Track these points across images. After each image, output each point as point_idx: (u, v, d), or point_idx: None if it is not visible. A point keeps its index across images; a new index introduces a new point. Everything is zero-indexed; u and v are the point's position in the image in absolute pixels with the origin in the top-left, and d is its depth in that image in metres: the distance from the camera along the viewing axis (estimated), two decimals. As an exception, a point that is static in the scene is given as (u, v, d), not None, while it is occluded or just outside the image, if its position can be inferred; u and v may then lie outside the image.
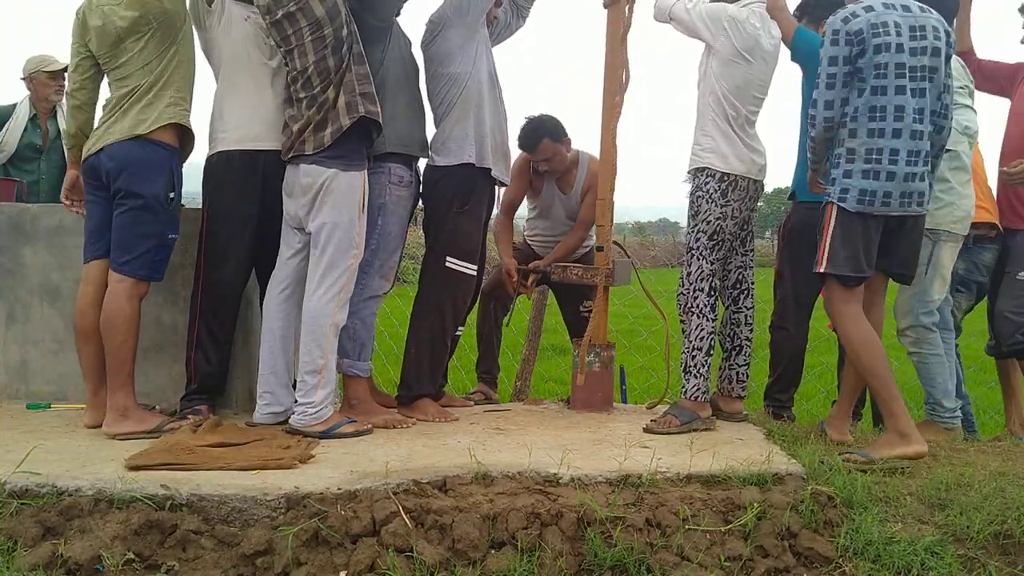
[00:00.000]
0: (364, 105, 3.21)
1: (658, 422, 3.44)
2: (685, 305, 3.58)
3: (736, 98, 3.49)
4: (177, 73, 3.28)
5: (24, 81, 4.97)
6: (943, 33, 3.00)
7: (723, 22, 3.47)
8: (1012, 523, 2.51)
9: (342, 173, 3.21)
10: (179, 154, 3.33)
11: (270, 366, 3.38)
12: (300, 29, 3.15)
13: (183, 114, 3.29)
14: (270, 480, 2.61)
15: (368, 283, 3.53)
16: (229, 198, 3.44)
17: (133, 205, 3.20)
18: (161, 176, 3.24)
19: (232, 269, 3.47)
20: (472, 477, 2.67)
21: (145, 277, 3.26)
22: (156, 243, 3.25)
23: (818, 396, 5.59)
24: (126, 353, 3.22)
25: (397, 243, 3.61)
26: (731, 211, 3.52)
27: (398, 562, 2.31)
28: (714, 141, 3.51)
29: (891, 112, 2.97)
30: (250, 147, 3.41)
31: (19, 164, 4.93)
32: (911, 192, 3.00)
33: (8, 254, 3.82)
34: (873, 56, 2.97)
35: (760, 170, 3.60)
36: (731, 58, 3.47)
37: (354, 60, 3.24)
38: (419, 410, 3.63)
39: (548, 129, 4.23)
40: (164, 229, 3.27)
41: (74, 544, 2.33)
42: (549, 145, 4.21)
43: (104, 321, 3.22)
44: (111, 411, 3.20)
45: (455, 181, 3.62)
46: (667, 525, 2.47)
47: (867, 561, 2.42)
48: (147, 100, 3.22)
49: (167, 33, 3.23)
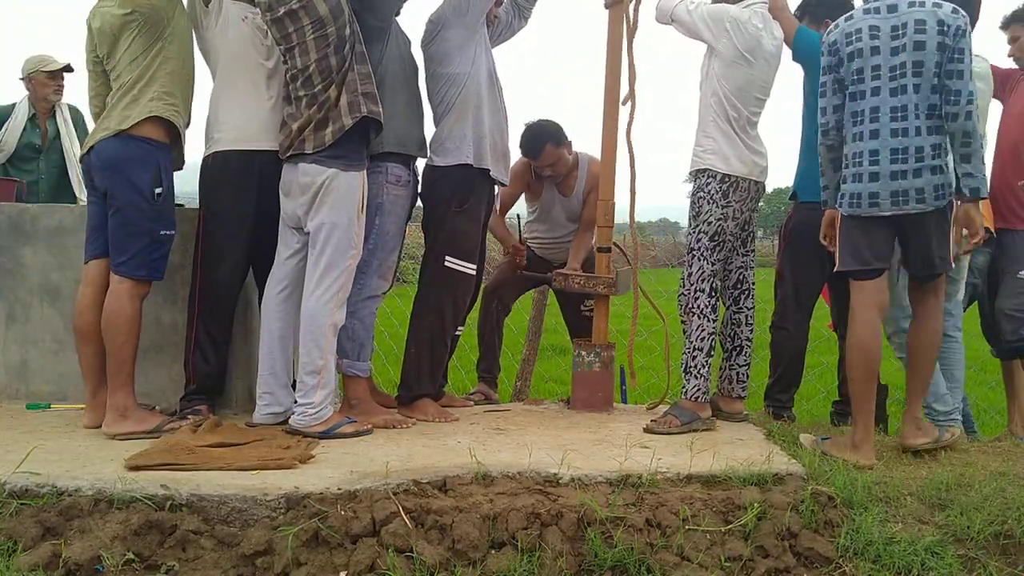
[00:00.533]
0: (367, 105, 3.21)
1: (658, 422, 3.44)
2: (686, 306, 3.58)
3: (738, 99, 3.49)
4: (163, 69, 3.24)
5: (23, 81, 4.97)
6: (934, 23, 2.96)
7: (725, 23, 3.46)
8: (1012, 523, 2.51)
9: (342, 173, 3.20)
10: (167, 149, 3.29)
11: (269, 366, 3.38)
12: (302, 27, 3.14)
13: (166, 108, 3.23)
14: (270, 480, 2.61)
15: (366, 283, 3.53)
16: (225, 198, 3.44)
17: (121, 204, 3.19)
18: (147, 172, 3.20)
19: (228, 269, 3.47)
20: (472, 477, 2.67)
21: (144, 277, 3.25)
22: (148, 241, 3.22)
23: (818, 396, 5.59)
24: (126, 354, 3.21)
25: (395, 242, 3.61)
26: (732, 212, 3.52)
27: (398, 562, 2.31)
28: (715, 142, 3.51)
29: (867, 115, 3.04)
30: (246, 147, 3.40)
31: (18, 164, 4.94)
32: (904, 190, 2.99)
33: (8, 254, 3.81)
34: (849, 64, 3.07)
35: (762, 172, 3.60)
36: (733, 59, 3.47)
37: (356, 59, 3.23)
38: (419, 410, 3.63)
39: (550, 134, 4.23)
40: (154, 226, 3.23)
41: (74, 544, 2.33)
42: (552, 150, 4.21)
43: (105, 321, 3.21)
44: (111, 411, 3.19)
45: (453, 181, 3.62)
46: (667, 525, 2.47)
47: (867, 561, 2.42)
48: (132, 96, 3.20)
49: (153, 29, 3.21)
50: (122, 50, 3.22)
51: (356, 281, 3.42)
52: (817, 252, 3.74)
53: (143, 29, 3.20)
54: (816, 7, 3.80)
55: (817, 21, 3.76)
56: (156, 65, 3.23)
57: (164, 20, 3.24)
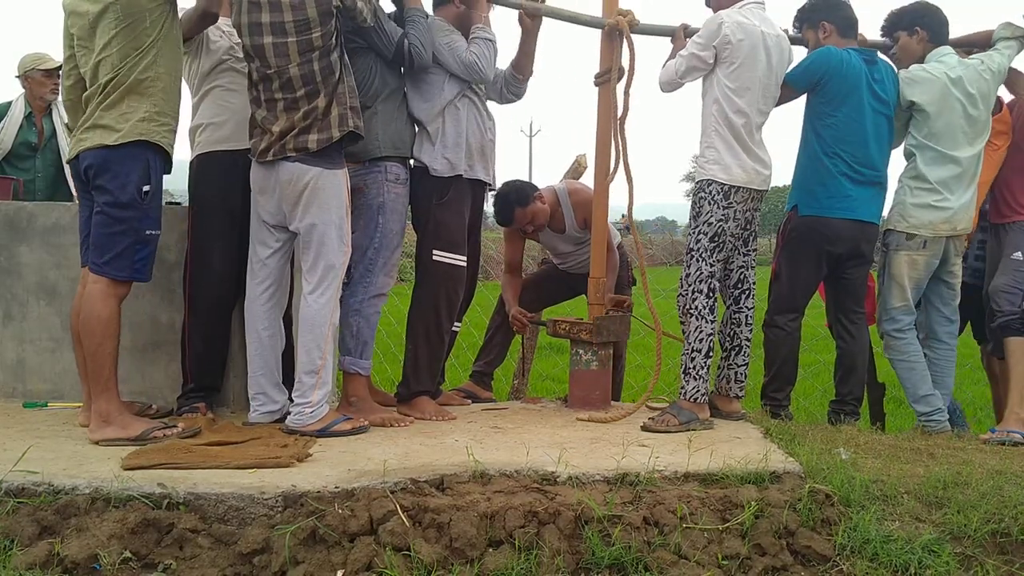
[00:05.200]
0: (352, 120, 3.23)
1: (656, 420, 3.44)
2: (684, 307, 3.58)
3: (742, 101, 3.49)
4: (156, 86, 3.10)
5: (19, 79, 4.96)
6: None
7: (716, 37, 3.46)
8: (1009, 521, 2.51)
9: (326, 171, 3.21)
10: (155, 148, 3.15)
11: (260, 367, 3.37)
12: (283, 23, 3.11)
13: (160, 132, 3.12)
14: (267, 479, 2.61)
15: (373, 280, 3.54)
16: (213, 196, 3.46)
17: (106, 202, 3.07)
18: (134, 171, 3.08)
19: (219, 267, 3.47)
20: (470, 476, 2.67)
21: (126, 278, 3.12)
22: (133, 240, 3.09)
23: (816, 395, 5.60)
24: (103, 357, 3.06)
25: (398, 240, 3.63)
26: (733, 213, 3.53)
27: (396, 561, 2.31)
28: (717, 152, 3.52)
29: None
30: (231, 147, 3.44)
31: (14, 162, 4.93)
32: None
33: (4, 252, 3.80)
34: None
35: (764, 180, 3.60)
36: (732, 63, 3.47)
37: (345, 71, 3.26)
38: (418, 408, 3.63)
39: (515, 199, 4.20)
40: (140, 225, 3.10)
41: (71, 543, 2.33)
42: (522, 212, 4.21)
43: (81, 324, 3.11)
44: (93, 416, 3.09)
45: (431, 177, 3.67)
46: (665, 524, 2.47)
47: (865, 559, 2.42)
48: (120, 110, 3.06)
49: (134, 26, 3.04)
50: (100, 43, 3.06)
51: (363, 279, 3.47)
52: (815, 252, 3.75)
53: (122, 23, 3.03)
54: (811, 12, 3.83)
55: (814, 25, 3.80)
56: (147, 79, 3.08)
57: (145, 17, 3.06)
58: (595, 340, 3.79)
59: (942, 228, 3.74)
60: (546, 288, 4.66)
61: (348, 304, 3.51)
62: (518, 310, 4.39)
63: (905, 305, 3.81)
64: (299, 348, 3.27)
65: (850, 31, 3.77)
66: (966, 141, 3.73)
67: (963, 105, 3.69)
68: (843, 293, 3.87)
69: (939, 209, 3.73)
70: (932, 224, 3.73)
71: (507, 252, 4.56)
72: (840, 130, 3.67)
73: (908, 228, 3.76)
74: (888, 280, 3.84)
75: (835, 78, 3.62)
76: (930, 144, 3.73)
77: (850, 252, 3.76)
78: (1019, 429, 3.55)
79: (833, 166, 3.68)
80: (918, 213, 3.74)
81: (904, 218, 3.78)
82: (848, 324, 3.85)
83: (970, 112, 3.70)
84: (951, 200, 3.73)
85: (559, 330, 3.98)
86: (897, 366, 3.84)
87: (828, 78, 3.63)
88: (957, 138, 3.71)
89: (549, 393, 5.41)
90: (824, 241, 3.72)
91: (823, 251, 3.74)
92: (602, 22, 3.79)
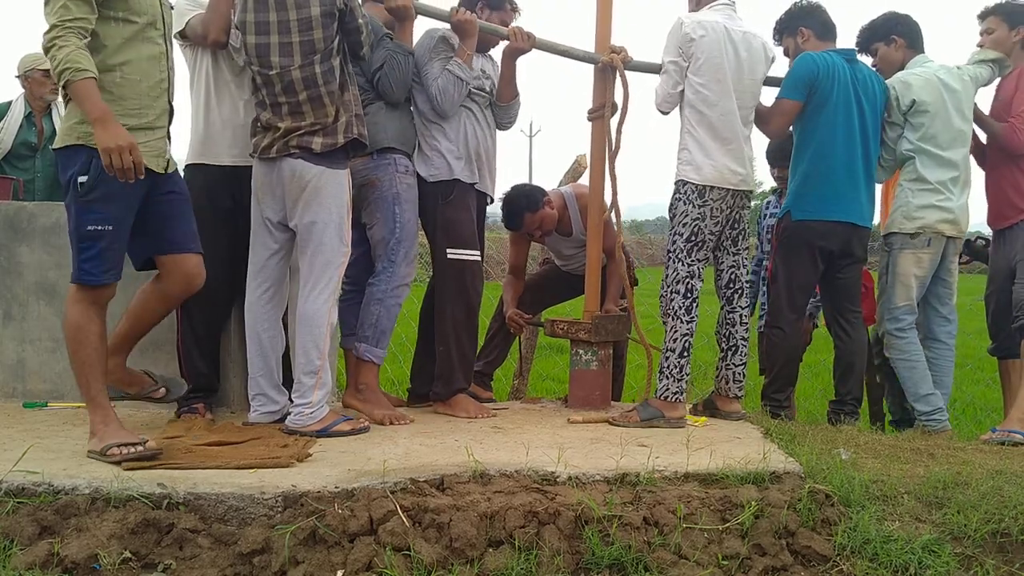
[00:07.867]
0: (357, 127, 3.25)
1: (621, 415, 3.53)
2: (663, 308, 3.63)
3: (712, 95, 3.51)
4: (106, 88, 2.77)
5: (19, 79, 4.97)
6: None
7: (684, 42, 3.51)
8: (1009, 521, 2.52)
9: (328, 170, 3.21)
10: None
11: (260, 368, 3.37)
12: (288, 22, 3.12)
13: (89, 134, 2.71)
14: (267, 479, 2.60)
15: (396, 271, 3.57)
16: (202, 198, 3.41)
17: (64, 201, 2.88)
18: (74, 163, 2.79)
19: (211, 267, 3.45)
20: (470, 476, 2.67)
21: (75, 281, 2.85)
22: (76, 239, 2.82)
23: (815, 395, 5.60)
24: (79, 365, 2.85)
25: (415, 229, 3.66)
26: (709, 212, 3.54)
27: (395, 561, 2.31)
28: (689, 153, 3.57)
29: None
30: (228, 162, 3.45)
31: (14, 162, 4.94)
32: None
33: (4, 252, 3.81)
34: None
35: (741, 180, 3.60)
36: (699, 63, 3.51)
37: (349, 80, 3.28)
38: (458, 407, 3.67)
39: (524, 204, 4.22)
40: (81, 220, 2.80)
41: (71, 543, 2.33)
42: (531, 217, 4.22)
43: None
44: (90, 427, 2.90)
45: (433, 183, 3.70)
46: (665, 524, 2.47)
47: (864, 559, 2.42)
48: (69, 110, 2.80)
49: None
50: None
51: (385, 271, 3.53)
52: (809, 249, 3.76)
53: None
54: (788, 20, 3.88)
55: (793, 33, 3.84)
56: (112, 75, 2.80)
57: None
58: (593, 339, 3.79)
59: (947, 227, 3.78)
60: (548, 288, 4.67)
61: (371, 294, 3.56)
62: (515, 311, 4.41)
63: (909, 304, 3.81)
64: (297, 348, 3.26)
65: (828, 34, 3.83)
66: (960, 143, 3.79)
67: (954, 106, 3.75)
68: (838, 293, 3.88)
69: (943, 209, 3.76)
70: (937, 223, 3.76)
71: (512, 255, 4.58)
72: (826, 131, 3.70)
73: (914, 228, 3.78)
74: (892, 279, 3.84)
75: (823, 80, 3.66)
76: (927, 147, 3.76)
77: (843, 250, 3.78)
78: (1020, 429, 3.55)
79: (822, 168, 3.71)
80: (923, 213, 3.77)
81: (909, 219, 3.79)
82: (845, 324, 3.87)
83: (964, 112, 3.78)
84: (952, 200, 3.76)
85: (557, 330, 3.99)
86: (898, 365, 3.85)
87: (817, 81, 3.66)
88: (952, 139, 3.76)
89: (549, 393, 5.41)
90: (817, 237, 3.74)
91: (816, 247, 3.76)
92: (596, 58, 3.80)
